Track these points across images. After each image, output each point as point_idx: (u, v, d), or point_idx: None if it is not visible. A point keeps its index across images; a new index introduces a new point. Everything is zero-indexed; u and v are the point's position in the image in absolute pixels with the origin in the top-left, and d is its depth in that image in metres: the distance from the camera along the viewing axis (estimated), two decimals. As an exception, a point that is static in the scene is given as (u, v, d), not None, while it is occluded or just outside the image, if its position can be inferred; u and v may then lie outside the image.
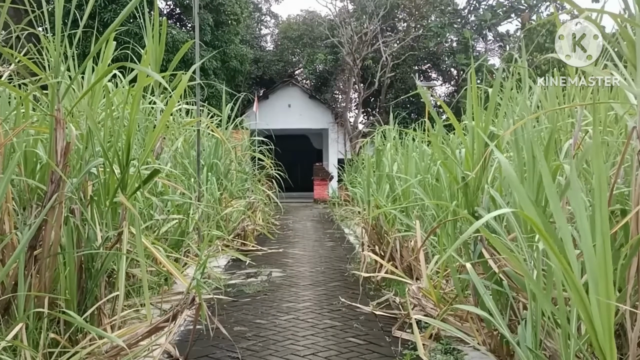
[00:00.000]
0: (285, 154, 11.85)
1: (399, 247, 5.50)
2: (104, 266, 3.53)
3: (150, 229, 5.21)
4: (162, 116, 3.25)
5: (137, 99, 3.25)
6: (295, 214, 14.36)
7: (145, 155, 3.44)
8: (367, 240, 5.96)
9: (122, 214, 3.63)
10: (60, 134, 3.10)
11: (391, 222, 5.59)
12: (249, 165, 10.72)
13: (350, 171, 13.38)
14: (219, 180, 7.94)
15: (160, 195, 5.45)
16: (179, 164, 6.72)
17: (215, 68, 15.42)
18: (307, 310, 4.64)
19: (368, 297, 5.07)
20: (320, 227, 11.31)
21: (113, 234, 3.64)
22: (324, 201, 18.01)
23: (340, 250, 8.10)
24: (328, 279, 5.92)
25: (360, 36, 19.02)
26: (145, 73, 3.17)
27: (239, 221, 7.99)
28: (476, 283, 3.30)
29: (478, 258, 3.55)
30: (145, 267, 3.25)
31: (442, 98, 23.44)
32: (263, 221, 10.04)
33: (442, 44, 20.44)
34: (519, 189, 1.97)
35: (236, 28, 16.88)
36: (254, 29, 24.06)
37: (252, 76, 21.62)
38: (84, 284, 3.63)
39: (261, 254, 7.52)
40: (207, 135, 8.36)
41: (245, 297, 5.10)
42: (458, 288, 3.71)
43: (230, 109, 8.89)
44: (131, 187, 3.54)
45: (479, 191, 3.57)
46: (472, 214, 3.59)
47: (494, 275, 3.56)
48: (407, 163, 5.51)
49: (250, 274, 6.19)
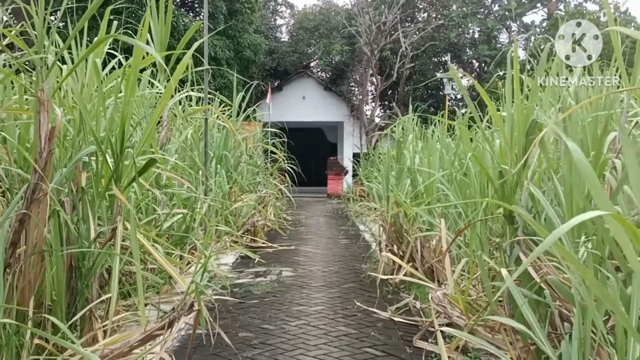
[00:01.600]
0: (298, 147, 11.49)
1: (420, 248, 5.08)
2: (96, 265, 3.20)
3: (153, 223, 4.88)
4: (161, 97, 2.88)
5: (133, 78, 2.88)
6: (308, 209, 14.00)
7: (142, 143, 3.08)
8: (385, 239, 5.56)
9: (116, 208, 3.28)
10: (44, 117, 2.75)
11: (412, 220, 5.17)
12: (261, 158, 10.37)
13: (366, 165, 12.95)
14: (229, 173, 7.59)
15: (165, 188, 5.12)
16: (187, 155, 6.39)
17: (228, 58, 15.06)
18: (320, 315, 4.26)
19: (386, 301, 4.67)
20: (334, 224, 10.91)
21: (107, 230, 3.30)
22: (338, 196, 17.61)
23: (355, 248, 7.70)
24: (342, 280, 5.53)
25: (379, 26, 18.47)
26: (141, 49, 2.80)
27: (248, 216, 7.63)
28: (514, 292, 2.89)
29: (515, 263, 3.13)
30: (140, 267, 2.90)
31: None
32: (274, 216, 9.69)
33: (464, 34, 19.77)
34: (597, 189, 1.55)
35: (250, 17, 16.48)
36: (269, 19, 23.66)
37: (267, 67, 21.23)
38: (74, 284, 3.30)
39: (271, 251, 7.16)
40: (218, 126, 8.02)
41: (253, 299, 4.74)
42: (490, 296, 3.29)
43: (242, 99, 8.52)
44: (127, 179, 3.19)
45: (517, 187, 3.14)
46: (509, 213, 3.16)
47: (530, 282, 3.15)
48: (431, 156, 5.08)
49: (259, 273, 5.83)
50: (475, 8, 19.91)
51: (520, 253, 3.14)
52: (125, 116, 2.85)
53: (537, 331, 2.75)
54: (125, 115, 2.84)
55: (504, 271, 3.02)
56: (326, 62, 20.83)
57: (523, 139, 3.08)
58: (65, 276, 3.19)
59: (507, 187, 3.13)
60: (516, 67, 2.93)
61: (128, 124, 2.91)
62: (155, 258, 3.22)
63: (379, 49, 18.41)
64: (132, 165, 3.01)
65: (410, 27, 19.38)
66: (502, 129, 3.10)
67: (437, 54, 21.19)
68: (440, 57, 21.72)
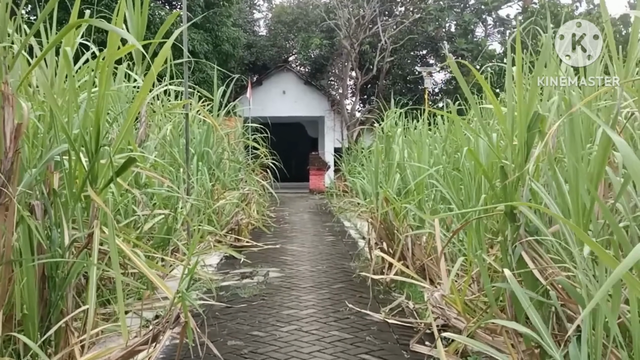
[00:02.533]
0: (279, 143, 11.27)
1: (411, 245, 4.95)
2: (71, 275, 2.94)
3: (132, 226, 4.62)
4: (140, 90, 2.64)
5: (108, 69, 2.63)
6: (291, 206, 13.78)
7: (120, 140, 2.83)
8: (374, 237, 5.40)
9: (92, 212, 3.03)
10: (9, 113, 2.48)
11: (402, 218, 5.02)
12: (243, 154, 10.11)
13: (349, 160, 12.79)
14: (211, 170, 7.33)
15: (144, 187, 4.85)
16: (166, 152, 6.10)
17: (206, 52, 14.67)
18: (311, 318, 4.08)
19: (378, 301, 4.52)
20: (319, 220, 10.74)
21: (83, 235, 3.04)
22: (321, 192, 17.44)
23: (341, 245, 7.54)
24: (331, 280, 5.36)
25: (358, 19, 18.28)
26: (116, 36, 2.54)
27: (232, 214, 7.39)
28: (519, 294, 2.76)
29: (517, 262, 3.00)
30: (120, 275, 2.67)
31: (440, 85, 22.83)
32: (258, 214, 9.46)
33: (442, 27, 19.76)
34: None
35: (228, 10, 16.09)
36: (247, 13, 23.22)
37: (245, 62, 20.85)
38: (47, 295, 3.04)
39: (257, 250, 6.94)
40: (198, 122, 7.73)
41: (241, 303, 4.53)
42: (491, 297, 3.16)
43: (222, 94, 8.24)
44: (103, 179, 2.93)
45: (519, 183, 3.01)
46: (510, 210, 3.03)
47: (534, 282, 3.03)
48: (421, 150, 4.93)
49: (245, 274, 5.61)
50: (452, 2, 19.91)
51: (523, 252, 3.02)
52: (100, 111, 2.60)
53: (544, 334, 2.63)
54: (100, 110, 2.59)
55: (507, 272, 2.89)
56: (305, 56, 20.55)
57: (525, 132, 2.95)
58: (37, 287, 2.92)
59: (509, 183, 2.99)
60: (518, 53, 2.78)
61: (103, 120, 2.66)
62: (136, 265, 2.98)
63: (359, 42, 18.24)
64: (109, 164, 2.76)
65: (389, 21, 19.26)
66: (503, 122, 2.95)
67: (415, 47, 21.15)
68: (418, 50, 21.69)
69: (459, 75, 3.00)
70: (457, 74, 3.02)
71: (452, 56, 20.71)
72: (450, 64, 2.99)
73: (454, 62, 2.98)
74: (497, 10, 20.29)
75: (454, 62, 2.98)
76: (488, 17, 21.05)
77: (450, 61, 2.92)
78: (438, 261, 3.74)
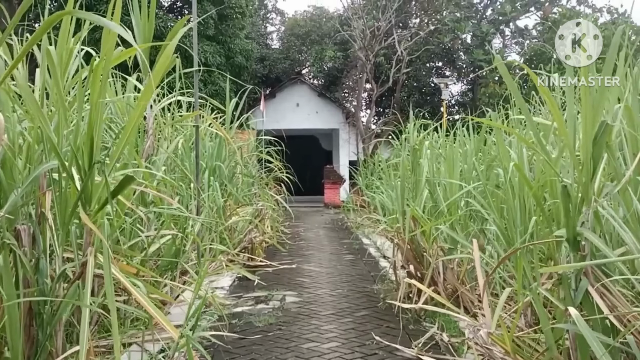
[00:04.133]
0: (293, 156, 10.91)
1: (442, 269, 4.48)
2: (60, 311, 2.54)
3: (139, 246, 4.23)
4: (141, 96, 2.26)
5: (101, 75, 2.25)
6: (306, 220, 13.35)
7: (117, 154, 2.44)
8: (400, 259, 4.94)
9: (86, 237, 2.64)
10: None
11: (432, 239, 4.57)
12: (256, 168, 9.74)
13: (366, 174, 12.36)
14: (223, 185, 6.95)
15: (152, 205, 4.47)
16: (177, 167, 5.73)
17: (219, 64, 14.44)
18: (335, 354, 3.63)
19: (407, 332, 4.06)
20: (335, 237, 10.28)
21: (77, 264, 2.65)
22: (336, 206, 16.99)
23: (361, 265, 7.07)
24: (354, 306, 4.90)
25: (373, 30, 17.97)
26: (111, 33, 2.17)
27: (245, 232, 6.98)
28: (590, 340, 2.29)
29: (583, 299, 2.54)
30: (115, 316, 2.26)
31: (456, 97, 22.35)
32: (272, 229, 9.04)
33: (458, 38, 19.35)
34: None
35: (241, 22, 15.89)
36: (260, 26, 23.10)
37: (258, 75, 20.64)
38: (34, 333, 2.65)
39: (272, 271, 6.51)
40: (210, 135, 7.38)
41: (255, 333, 4.09)
42: (550, 339, 2.69)
43: (235, 106, 7.89)
44: (98, 200, 2.55)
45: (583, 205, 2.55)
46: (573, 237, 2.57)
47: (602, 321, 2.56)
48: (452, 166, 4.49)
49: (259, 299, 5.18)
50: (468, 13, 19.50)
51: (589, 286, 2.55)
52: (93, 121, 2.22)
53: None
54: (93, 121, 2.21)
55: (574, 311, 2.43)
56: (318, 69, 20.27)
57: (590, 145, 2.50)
58: (22, 324, 2.53)
59: (572, 206, 2.53)
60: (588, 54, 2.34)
61: (98, 132, 2.28)
62: (136, 298, 2.58)
63: (374, 54, 17.90)
64: (104, 183, 2.38)
65: (404, 33, 18.93)
66: (565, 133, 2.51)
67: (431, 59, 20.74)
68: (434, 62, 21.27)
69: (508, 77, 2.58)
70: (505, 75, 2.59)
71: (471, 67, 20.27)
72: (499, 65, 2.56)
73: (503, 64, 2.55)
74: (515, 20, 19.83)
75: (503, 64, 2.55)
76: (505, 28, 20.60)
77: (498, 62, 2.50)
78: (481, 294, 3.26)
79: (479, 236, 4.09)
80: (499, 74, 19.05)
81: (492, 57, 19.47)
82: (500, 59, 2.69)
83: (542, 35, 18.53)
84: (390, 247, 6.77)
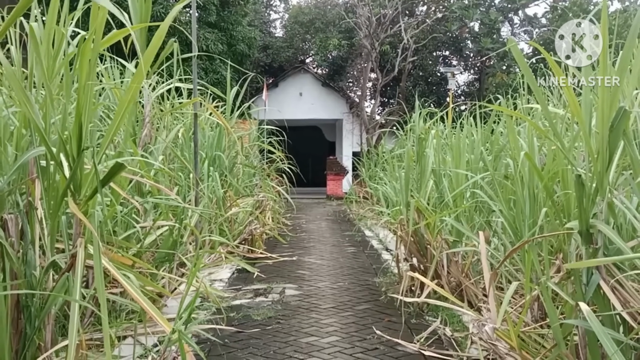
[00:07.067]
0: (295, 146, 10.78)
1: (446, 262, 4.37)
2: (49, 304, 2.44)
3: (135, 237, 4.13)
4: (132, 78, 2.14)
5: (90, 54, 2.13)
6: (308, 212, 13.24)
7: (107, 140, 2.33)
8: (404, 252, 4.83)
9: (76, 228, 2.53)
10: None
11: (436, 231, 4.45)
12: (257, 158, 9.62)
13: (369, 165, 12.22)
14: (223, 175, 6.83)
15: (149, 194, 4.36)
16: (176, 157, 5.62)
17: (220, 52, 14.24)
18: (334, 349, 3.53)
19: (409, 327, 3.95)
20: (337, 228, 10.17)
21: (63, 258, 2.55)
22: (339, 198, 16.87)
23: (363, 258, 6.96)
24: (355, 299, 4.80)
25: (379, 17, 17.68)
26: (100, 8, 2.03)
27: (245, 223, 6.88)
28: (602, 337, 2.17)
29: (594, 294, 2.42)
30: (106, 311, 2.16)
31: (462, 87, 22.09)
32: (273, 221, 8.94)
33: (466, 26, 19.03)
34: None
35: (244, 9, 15.66)
36: (263, 14, 22.84)
37: (261, 64, 20.42)
38: (22, 326, 2.55)
39: (272, 263, 6.41)
40: (211, 124, 7.25)
41: (253, 326, 4.00)
42: (559, 335, 2.57)
43: (236, 95, 7.75)
44: (88, 189, 2.44)
45: (597, 196, 2.42)
46: (586, 229, 2.44)
47: (613, 318, 2.44)
48: (458, 156, 4.35)
49: (259, 291, 5.08)
50: (476, 0, 19.16)
51: (601, 281, 2.43)
52: (81, 105, 2.10)
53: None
54: (81, 104, 2.09)
55: (585, 307, 2.31)
56: (322, 58, 20.01)
57: (607, 132, 2.37)
58: (9, 318, 2.44)
59: (586, 197, 2.40)
60: (604, 33, 2.20)
61: (87, 116, 2.16)
62: (128, 291, 2.48)
63: (380, 42, 17.64)
64: (93, 171, 2.26)
65: (411, 20, 18.63)
66: (581, 119, 2.37)
67: (438, 47, 20.45)
68: (441, 51, 20.98)
69: (522, 60, 2.43)
70: (519, 58, 2.45)
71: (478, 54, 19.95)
72: (512, 48, 2.42)
73: (516, 47, 2.41)
74: (524, 8, 19.47)
75: (516, 47, 2.41)
76: (514, 16, 20.26)
77: (512, 45, 2.36)
78: (487, 288, 3.15)
79: (485, 228, 3.97)
80: (507, 63, 18.84)
81: (501, 45, 19.24)
82: (515, 41, 2.54)
83: (552, 23, 18.20)
84: (393, 239, 6.66)
